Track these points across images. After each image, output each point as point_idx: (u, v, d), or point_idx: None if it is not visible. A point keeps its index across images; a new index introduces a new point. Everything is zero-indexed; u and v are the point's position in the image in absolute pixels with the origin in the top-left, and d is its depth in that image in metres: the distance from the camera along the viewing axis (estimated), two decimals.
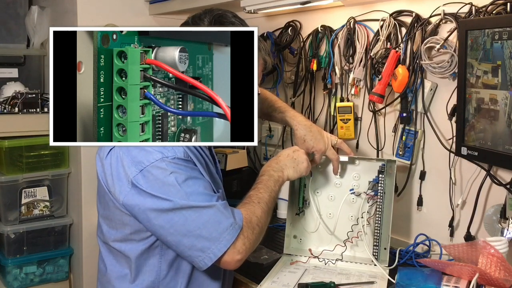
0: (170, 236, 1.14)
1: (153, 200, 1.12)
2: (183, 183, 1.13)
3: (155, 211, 1.13)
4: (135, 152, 1.15)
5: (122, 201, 1.16)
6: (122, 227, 1.22)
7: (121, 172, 1.15)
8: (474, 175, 1.49)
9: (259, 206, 1.24)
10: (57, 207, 2.40)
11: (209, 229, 1.13)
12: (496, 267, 1.15)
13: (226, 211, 1.16)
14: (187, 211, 1.12)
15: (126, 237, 1.22)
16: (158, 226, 1.14)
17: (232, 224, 1.15)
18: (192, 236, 1.13)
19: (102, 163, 1.20)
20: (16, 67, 2.47)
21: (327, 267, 1.49)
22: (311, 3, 1.68)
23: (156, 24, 2.38)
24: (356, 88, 1.79)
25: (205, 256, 1.13)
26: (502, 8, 1.33)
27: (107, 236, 1.26)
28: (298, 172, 1.40)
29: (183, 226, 1.12)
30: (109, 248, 1.28)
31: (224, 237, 1.13)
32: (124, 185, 1.15)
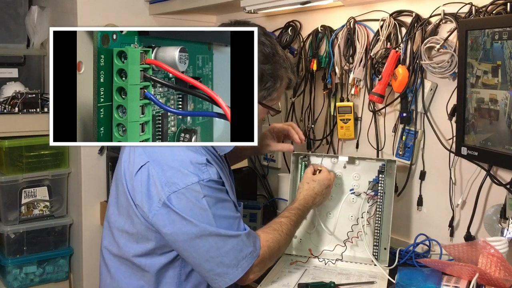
0: (192, 258, 1.17)
1: (182, 222, 1.13)
2: (213, 206, 1.15)
3: (183, 234, 1.14)
4: (170, 173, 1.14)
5: (151, 219, 1.15)
6: (146, 242, 1.21)
7: (152, 191, 1.15)
8: (474, 175, 1.48)
9: (285, 237, 1.30)
10: (57, 207, 2.40)
11: (230, 257, 1.16)
12: (496, 267, 1.15)
13: (248, 241, 1.19)
14: (213, 239, 1.14)
15: (148, 251, 1.21)
16: (182, 248, 1.16)
17: (251, 252, 1.19)
18: (213, 262, 1.15)
19: (132, 178, 1.19)
20: (16, 67, 2.47)
21: (327, 267, 1.49)
22: (311, 3, 1.68)
23: (156, 24, 2.38)
24: (356, 88, 1.79)
25: (221, 280, 1.17)
26: (502, 8, 1.33)
27: (125, 250, 1.23)
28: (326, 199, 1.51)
29: (206, 252, 1.15)
30: (122, 261, 1.25)
31: (242, 264, 1.17)
32: (154, 203, 1.14)
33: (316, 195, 1.44)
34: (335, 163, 1.59)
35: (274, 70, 1.24)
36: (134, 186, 1.18)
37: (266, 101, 1.27)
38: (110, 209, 1.28)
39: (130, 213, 1.20)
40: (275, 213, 1.99)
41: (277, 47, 1.27)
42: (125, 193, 1.20)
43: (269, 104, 1.28)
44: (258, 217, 1.86)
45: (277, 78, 1.25)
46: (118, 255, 1.25)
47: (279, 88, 1.28)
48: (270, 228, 1.30)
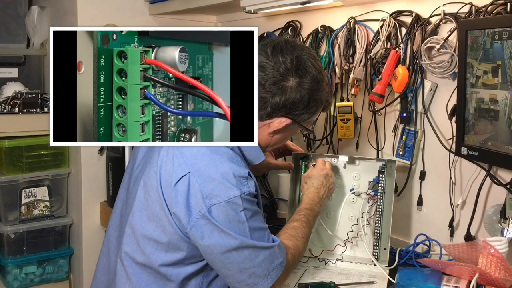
0: (225, 270, 1.16)
1: (221, 235, 1.12)
2: (250, 219, 1.15)
3: (221, 246, 1.13)
4: (213, 185, 1.13)
5: (189, 230, 1.14)
6: (176, 251, 1.19)
7: (192, 202, 1.13)
8: (474, 175, 1.48)
9: (302, 241, 1.31)
10: (57, 207, 2.40)
11: (262, 267, 1.16)
12: (496, 267, 1.15)
13: (280, 252, 1.20)
14: (248, 251, 1.14)
15: (176, 261, 1.20)
16: (217, 260, 1.15)
17: (281, 263, 1.19)
18: (246, 273, 1.15)
19: (170, 188, 1.15)
20: (16, 67, 2.47)
21: (327, 267, 1.49)
22: (311, 3, 1.68)
23: (156, 24, 2.38)
24: (356, 88, 1.79)
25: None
26: (502, 8, 1.33)
27: (152, 259, 1.20)
28: (329, 198, 1.50)
29: (240, 264, 1.14)
30: (145, 269, 1.22)
31: (272, 274, 1.18)
32: (193, 214, 1.13)
33: (318, 189, 1.43)
34: (335, 163, 1.59)
35: (320, 95, 1.24)
36: (172, 196, 1.15)
37: (304, 122, 1.27)
38: (136, 215, 1.22)
39: (163, 222, 1.17)
40: (275, 213, 1.98)
41: (323, 72, 1.27)
42: (160, 202, 1.17)
43: (305, 124, 1.28)
44: None
45: (320, 102, 1.26)
46: (142, 263, 1.21)
47: (318, 111, 1.29)
48: (287, 234, 1.30)
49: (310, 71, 1.21)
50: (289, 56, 1.19)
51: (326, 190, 1.45)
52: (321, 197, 1.43)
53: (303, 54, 1.22)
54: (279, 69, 1.18)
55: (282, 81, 1.18)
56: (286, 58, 1.19)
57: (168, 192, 1.16)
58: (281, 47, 1.21)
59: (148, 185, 1.20)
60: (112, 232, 1.34)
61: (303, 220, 1.35)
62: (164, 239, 1.18)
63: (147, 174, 1.22)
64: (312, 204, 1.41)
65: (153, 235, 1.19)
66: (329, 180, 1.46)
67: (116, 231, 1.32)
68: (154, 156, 1.21)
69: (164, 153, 1.18)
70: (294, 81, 1.19)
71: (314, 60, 1.24)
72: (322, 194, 1.44)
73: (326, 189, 1.45)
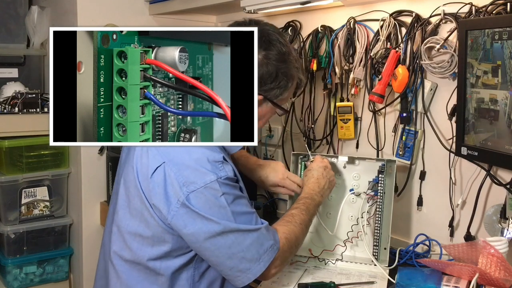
0: (214, 257, 1.16)
1: (203, 222, 1.12)
2: (232, 203, 1.15)
3: (205, 233, 1.13)
4: (187, 172, 1.13)
5: (170, 220, 1.14)
6: (161, 244, 1.18)
7: (170, 192, 1.13)
8: (474, 175, 1.48)
9: (300, 227, 1.29)
10: (57, 207, 2.40)
11: (252, 251, 1.16)
12: (496, 267, 1.15)
13: (268, 234, 1.19)
14: (233, 235, 1.14)
15: (163, 254, 1.19)
16: (204, 248, 1.15)
17: (272, 246, 1.18)
18: (235, 258, 1.15)
19: (147, 180, 1.16)
20: (16, 67, 2.47)
21: (327, 267, 1.49)
22: (311, 3, 1.68)
23: (156, 24, 2.38)
24: (356, 88, 1.79)
25: (243, 276, 1.16)
26: (502, 8, 1.33)
27: (139, 254, 1.20)
28: (331, 190, 1.50)
29: (228, 249, 1.14)
30: (134, 265, 1.22)
31: (264, 258, 1.17)
32: (173, 204, 1.13)
33: (318, 179, 1.43)
34: (335, 163, 1.59)
35: (288, 69, 1.24)
36: (150, 188, 1.15)
37: (277, 100, 1.26)
38: (120, 213, 1.24)
39: (145, 215, 1.18)
40: (275, 213, 1.99)
41: (291, 47, 1.27)
42: (140, 196, 1.18)
43: (279, 103, 1.27)
44: None
45: (290, 77, 1.25)
46: (131, 260, 1.22)
47: (290, 87, 1.27)
48: (283, 221, 1.29)
49: (276, 44, 1.21)
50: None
51: (326, 181, 1.45)
52: (322, 187, 1.43)
53: (267, 28, 1.22)
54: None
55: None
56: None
57: (145, 184, 1.17)
58: (244, 24, 1.22)
59: (127, 181, 1.22)
60: (105, 235, 1.35)
61: (302, 208, 1.34)
62: (148, 233, 1.18)
63: (126, 171, 1.24)
64: (312, 194, 1.40)
65: (137, 230, 1.20)
66: (328, 172, 1.47)
67: (108, 234, 1.32)
68: (131, 153, 1.23)
69: (139, 148, 1.20)
70: (260, 54, 1.19)
71: (279, 34, 1.24)
72: (323, 184, 1.43)
73: (326, 180, 1.45)
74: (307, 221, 1.34)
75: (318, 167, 1.46)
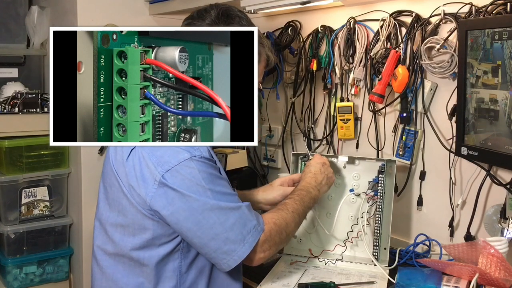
0: (197, 239, 1.14)
1: (181, 199, 1.11)
2: (210, 182, 1.14)
3: (184, 211, 1.12)
4: (160, 152, 1.13)
5: (149, 202, 1.13)
6: (142, 232, 1.18)
7: (146, 173, 1.13)
8: (474, 175, 1.48)
9: (291, 215, 1.28)
10: (57, 207, 2.40)
11: (235, 231, 1.14)
12: (496, 267, 1.15)
13: (250, 214, 1.18)
14: (215, 213, 1.12)
15: (145, 243, 1.18)
16: (185, 228, 1.14)
17: (255, 226, 1.17)
18: (219, 239, 1.13)
19: (123, 165, 1.17)
20: (16, 67, 2.47)
21: (327, 267, 1.49)
22: (311, 3, 1.68)
23: (156, 24, 2.38)
24: (356, 88, 1.79)
25: (229, 259, 1.15)
26: (502, 8, 1.33)
27: (122, 245, 1.20)
28: (329, 187, 1.48)
29: (210, 229, 1.13)
30: (118, 258, 1.22)
31: (248, 239, 1.15)
32: (150, 185, 1.13)
33: (316, 174, 1.43)
34: (335, 163, 1.59)
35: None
36: (126, 172, 1.16)
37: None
38: (100, 207, 1.26)
39: (124, 204, 1.18)
40: None
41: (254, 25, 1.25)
42: (116, 184, 1.18)
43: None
44: None
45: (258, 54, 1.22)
46: (114, 252, 1.22)
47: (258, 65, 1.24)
48: (275, 209, 1.29)
49: (235, 18, 1.21)
50: (214, 10, 1.21)
51: (324, 177, 1.44)
52: (319, 182, 1.42)
53: (229, 8, 1.23)
54: (204, 20, 1.20)
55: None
56: (210, 13, 1.21)
57: (121, 170, 1.17)
58: (204, 8, 1.23)
59: (104, 173, 1.24)
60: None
61: (296, 198, 1.33)
62: (127, 221, 1.18)
63: (104, 166, 1.26)
64: (308, 187, 1.39)
65: (117, 220, 1.20)
66: (327, 168, 1.46)
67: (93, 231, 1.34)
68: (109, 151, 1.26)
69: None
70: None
71: (241, 13, 1.24)
72: (320, 180, 1.43)
73: (324, 176, 1.44)
74: (301, 211, 1.32)
75: (316, 163, 1.46)
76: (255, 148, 2.27)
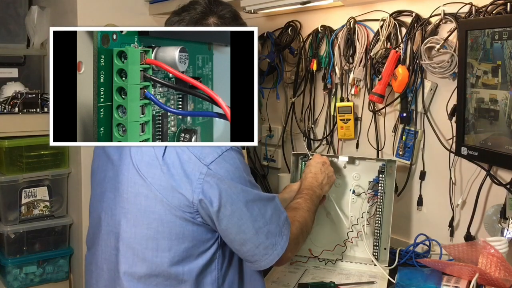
0: (241, 234, 1.08)
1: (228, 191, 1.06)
2: (248, 173, 1.11)
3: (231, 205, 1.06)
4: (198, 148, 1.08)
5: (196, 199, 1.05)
6: (180, 242, 1.08)
7: (188, 168, 1.06)
8: (474, 175, 1.48)
9: (308, 213, 1.27)
10: (57, 207, 2.40)
11: (274, 223, 1.10)
12: (496, 267, 1.15)
13: (281, 205, 1.15)
14: (257, 204, 1.09)
15: (184, 254, 1.08)
16: (231, 224, 1.07)
17: (286, 218, 1.14)
18: (261, 233, 1.08)
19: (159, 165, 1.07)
20: (16, 67, 2.47)
21: (327, 267, 1.49)
22: (311, 3, 1.68)
23: (156, 24, 2.38)
24: (356, 88, 1.79)
25: (271, 253, 1.09)
26: (502, 8, 1.33)
27: (157, 262, 1.08)
28: (331, 186, 1.47)
29: (254, 223, 1.07)
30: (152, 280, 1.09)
31: (283, 231, 1.12)
32: (194, 180, 1.05)
33: (316, 175, 1.43)
34: (336, 163, 1.59)
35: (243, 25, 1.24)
36: (164, 171, 1.06)
37: None
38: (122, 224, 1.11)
39: (158, 211, 1.07)
40: None
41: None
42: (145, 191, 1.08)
43: None
44: None
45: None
46: (147, 274, 1.08)
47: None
48: (289, 208, 1.26)
49: (226, 7, 1.21)
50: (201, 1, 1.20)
51: (325, 176, 1.44)
52: (320, 182, 1.41)
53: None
54: (195, 9, 1.18)
55: (202, 19, 1.18)
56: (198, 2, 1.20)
57: (154, 172, 1.07)
58: (190, 2, 1.22)
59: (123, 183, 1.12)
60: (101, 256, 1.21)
61: (306, 197, 1.32)
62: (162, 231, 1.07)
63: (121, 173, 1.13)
64: (312, 186, 1.39)
65: (148, 234, 1.08)
66: (327, 168, 1.46)
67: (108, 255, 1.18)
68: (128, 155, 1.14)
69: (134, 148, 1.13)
70: (214, 17, 1.18)
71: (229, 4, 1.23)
72: (321, 179, 1.42)
73: (325, 175, 1.44)
74: (314, 209, 1.31)
75: (316, 163, 1.46)
76: (255, 148, 2.27)
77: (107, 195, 1.18)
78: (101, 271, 1.20)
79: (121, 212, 1.12)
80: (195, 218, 1.08)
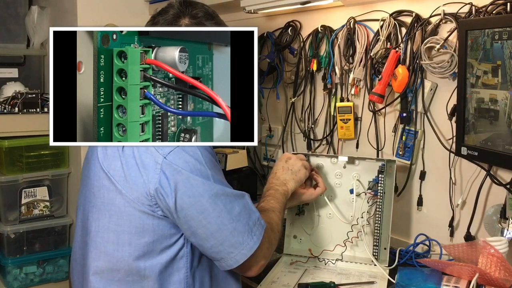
0: (202, 229, 1.05)
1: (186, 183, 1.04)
2: (212, 167, 1.09)
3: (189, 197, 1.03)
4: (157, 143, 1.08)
5: (151, 190, 1.04)
6: (140, 236, 1.06)
7: (146, 158, 1.06)
8: (474, 175, 1.48)
9: (274, 213, 1.23)
10: (57, 207, 2.40)
11: (242, 221, 1.07)
12: (496, 267, 1.15)
13: (252, 205, 1.12)
14: (221, 199, 1.05)
15: (145, 248, 1.07)
16: (190, 217, 1.04)
17: (258, 218, 1.10)
18: (226, 230, 1.05)
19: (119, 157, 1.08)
20: (16, 67, 2.48)
21: (327, 267, 1.49)
22: (311, 3, 1.68)
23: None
24: (356, 88, 1.79)
25: (237, 253, 1.06)
26: (502, 8, 1.33)
27: (117, 256, 1.07)
28: (299, 182, 1.41)
29: (217, 218, 1.04)
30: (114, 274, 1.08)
31: (255, 231, 1.08)
32: (151, 171, 1.05)
33: (276, 173, 1.39)
34: (335, 163, 1.59)
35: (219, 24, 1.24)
36: (123, 163, 1.07)
37: None
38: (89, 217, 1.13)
39: (117, 204, 1.07)
40: None
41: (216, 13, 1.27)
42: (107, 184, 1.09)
43: None
44: None
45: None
46: (109, 268, 1.08)
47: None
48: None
49: (199, 7, 1.21)
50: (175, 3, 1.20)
51: (287, 171, 1.39)
52: (282, 179, 1.37)
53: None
54: (168, 12, 1.19)
55: (174, 22, 1.18)
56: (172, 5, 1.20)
57: (115, 164, 1.09)
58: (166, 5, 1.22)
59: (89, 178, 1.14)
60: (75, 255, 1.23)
61: (268, 199, 1.28)
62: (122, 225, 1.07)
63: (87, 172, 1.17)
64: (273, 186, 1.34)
65: (109, 227, 1.08)
66: (292, 163, 1.42)
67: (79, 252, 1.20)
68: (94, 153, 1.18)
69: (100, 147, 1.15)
70: (186, 18, 1.19)
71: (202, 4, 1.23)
72: (283, 177, 1.38)
73: (287, 171, 1.40)
74: (279, 207, 1.26)
75: (278, 162, 1.43)
76: (255, 148, 2.27)
77: (81, 192, 1.23)
78: (77, 266, 1.21)
79: (89, 207, 1.14)
80: (155, 211, 1.07)
